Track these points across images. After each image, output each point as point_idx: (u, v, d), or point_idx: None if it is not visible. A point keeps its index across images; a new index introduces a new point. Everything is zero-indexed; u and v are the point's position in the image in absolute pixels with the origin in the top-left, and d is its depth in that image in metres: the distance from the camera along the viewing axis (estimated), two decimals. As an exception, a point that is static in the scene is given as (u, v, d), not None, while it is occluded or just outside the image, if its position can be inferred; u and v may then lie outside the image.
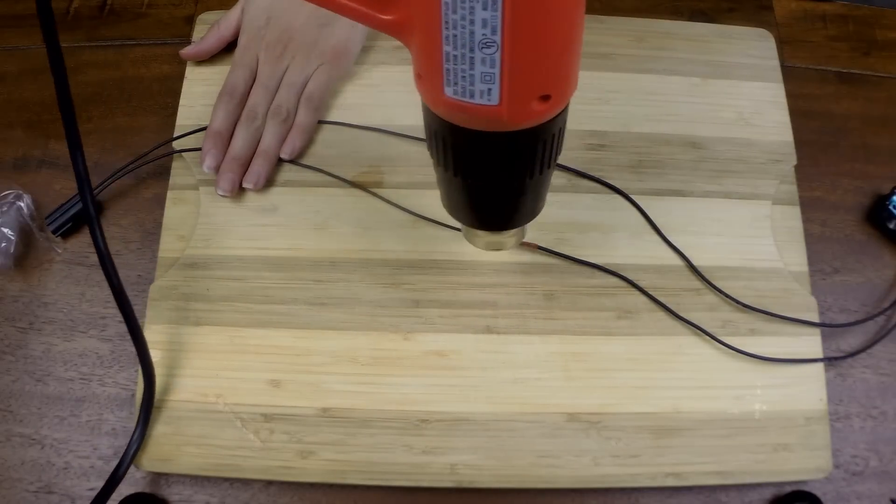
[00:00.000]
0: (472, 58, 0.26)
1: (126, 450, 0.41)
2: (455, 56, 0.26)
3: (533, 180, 0.32)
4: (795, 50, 0.55)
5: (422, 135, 0.50)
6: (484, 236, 0.40)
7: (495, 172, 0.31)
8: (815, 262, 0.48)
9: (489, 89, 0.27)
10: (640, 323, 0.45)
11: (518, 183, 0.32)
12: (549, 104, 0.28)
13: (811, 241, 0.48)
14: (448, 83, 0.27)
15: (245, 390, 0.43)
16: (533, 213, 0.37)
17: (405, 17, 0.28)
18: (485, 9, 0.24)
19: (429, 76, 0.28)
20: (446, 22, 0.25)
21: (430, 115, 0.30)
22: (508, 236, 0.40)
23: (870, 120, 0.53)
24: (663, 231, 0.47)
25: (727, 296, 0.45)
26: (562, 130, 0.31)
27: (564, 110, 0.30)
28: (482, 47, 0.25)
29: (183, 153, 0.48)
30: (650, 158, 0.49)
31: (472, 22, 0.25)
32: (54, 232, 0.47)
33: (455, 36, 0.25)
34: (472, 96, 0.27)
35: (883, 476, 0.44)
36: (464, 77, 0.26)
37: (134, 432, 0.41)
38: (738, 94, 0.51)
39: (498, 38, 0.25)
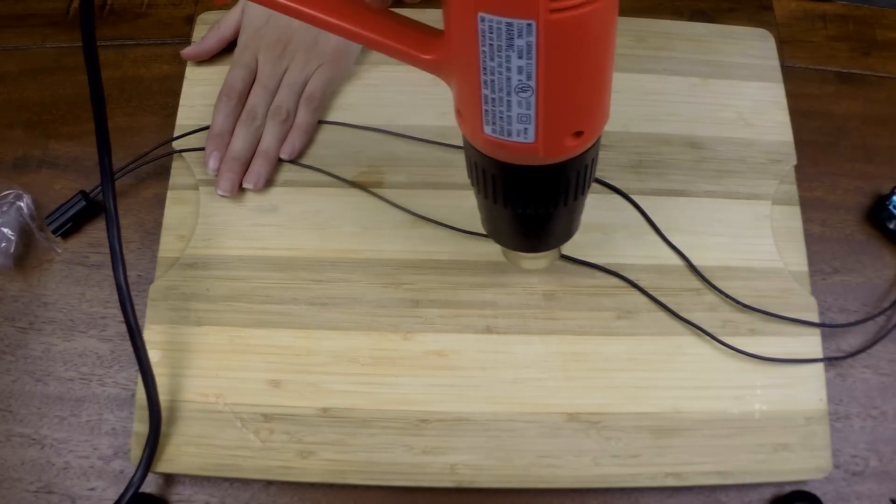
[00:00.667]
0: (509, 101, 0.28)
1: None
2: (493, 99, 0.28)
3: (567, 206, 0.34)
4: (795, 50, 0.55)
5: (422, 135, 0.50)
6: (523, 256, 0.43)
7: (533, 201, 0.33)
8: (815, 262, 0.48)
9: (525, 129, 0.28)
10: (640, 323, 0.45)
11: (554, 210, 0.34)
12: (581, 139, 0.30)
13: (811, 241, 0.48)
14: (487, 122, 0.29)
15: (245, 390, 0.43)
16: (568, 235, 0.39)
17: (445, 58, 0.29)
18: (520, 57, 0.26)
19: (469, 115, 0.30)
20: (484, 68, 0.27)
21: (470, 148, 0.32)
22: (546, 255, 0.43)
23: (870, 120, 0.53)
24: (663, 231, 0.47)
25: (727, 296, 0.45)
26: (594, 160, 0.33)
27: (597, 142, 0.32)
28: (518, 91, 0.27)
29: (183, 153, 0.48)
30: (650, 158, 0.49)
31: (508, 69, 0.26)
32: (54, 232, 0.47)
33: (493, 81, 0.27)
34: (509, 135, 0.29)
35: (883, 476, 0.44)
36: (501, 118, 0.28)
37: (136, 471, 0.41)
38: (738, 94, 0.51)
39: (533, 83, 0.27)
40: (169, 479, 0.43)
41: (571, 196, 0.33)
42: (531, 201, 0.33)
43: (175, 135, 0.49)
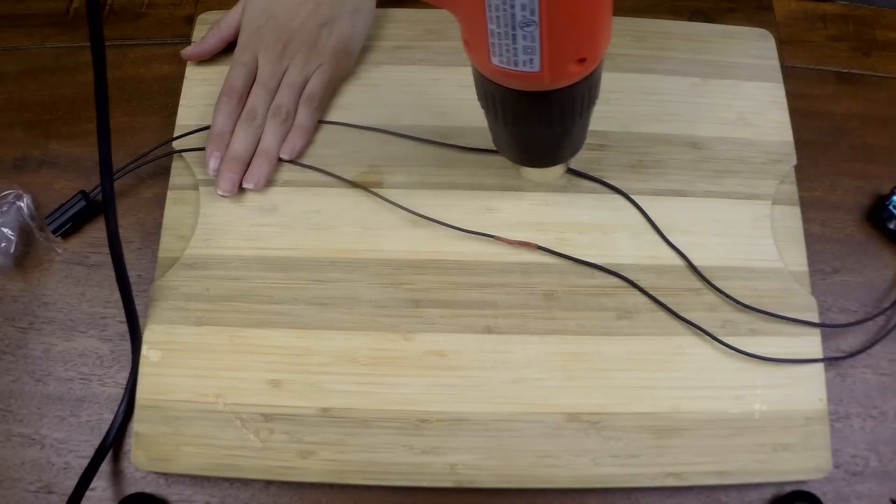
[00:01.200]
0: (514, 34, 0.29)
1: (113, 421, 0.42)
2: (499, 33, 0.29)
3: (573, 126, 0.37)
4: (795, 50, 0.55)
5: (422, 135, 0.50)
6: (531, 170, 0.44)
7: (540, 122, 0.35)
8: (815, 262, 0.48)
9: (531, 59, 0.30)
10: (640, 323, 0.45)
11: (559, 129, 0.37)
12: (584, 65, 0.32)
13: (811, 241, 0.48)
14: (494, 54, 0.31)
15: (245, 390, 0.43)
16: (574, 151, 0.41)
17: None
18: None
19: (476, 46, 0.31)
20: (489, 5, 0.29)
21: (479, 76, 0.34)
22: (553, 169, 0.44)
23: (870, 120, 0.53)
24: (663, 231, 0.47)
25: (727, 296, 0.45)
26: (597, 82, 0.35)
27: (600, 64, 0.34)
28: (522, 26, 0.29)
29: (183, 153, 0.48)
30: (650, 158, 0.49)
31: (512, 6, 0.28)
32: (54, 232, 0.47)
33: (498, 17, 0.29)
34: (515, 65, 0.31)
35: (883, 476, 0.44)
36: (507, 50, 0.30)
37: (120, 404, 0.42)
38: (738, 94, 0.51)
39: (536, 17, 0.28)
40: (169, 479, 0.43)
41: (577, 115, 0.35)
42: (539, 122, 0.35)
43: (175, 135, 0.49)
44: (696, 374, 0.44)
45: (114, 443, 0.42)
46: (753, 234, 0.47)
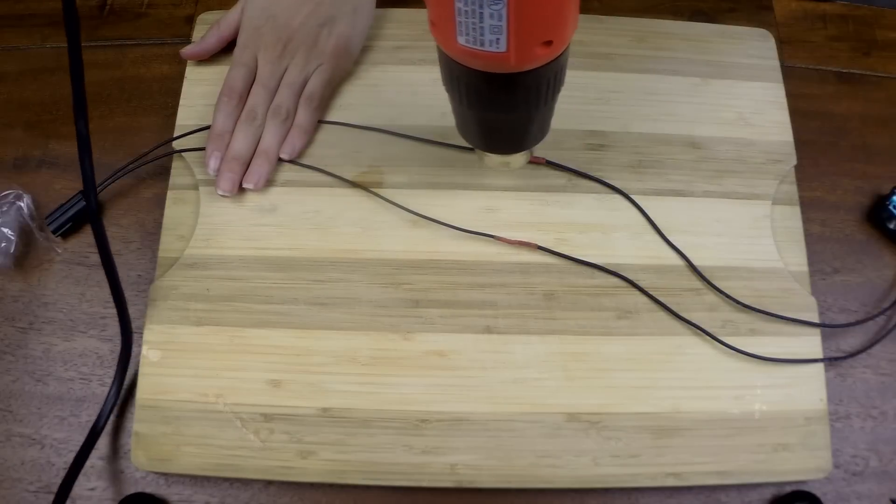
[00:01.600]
0: (481, 13, 0.29)
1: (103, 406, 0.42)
2: (466, 11, 0.29)
3: (538, 111, 0.36)
4: (795, 50, 0.55)
5: (422, 135, 0.50)
6: (494, 156, 0.43)
7: (504, 106, 0.35)
8: (815, 262, 0.48)
9: (497, 39, 0.30)
10: (640, 323, 0.45)
11: (524, 114, 0.36)
12: (551, 48, 0.31)
13: (811, 241, 0.48)
14: (460, 33, 0.30)
15: (245, 390, 0.43)
16: (538, 139, 0.41)
17: None
18: None
19: (442, 25, 0.31)
20: None
21: (444, 57, 0.34)
22: (516, 157, 0.43)
23: (870, 120, 0.53)
24: (663, 231, 0.47)
25: (727, 296, 0.45)
26: (563, 68, 0.35)
27: (566, 50, 0.33)
28: (490, 4, 0.28)
29: (183, 153, 0.48)
30: (650, 158, 0.49)
31: None
32: (54, 232, 0.47)
33: None
34: (482, 45, 0.30)
35: (883, 476, 0.44)
36: (474, 28, 0.30)
37: (110, 389, 0.42)
38: (738, 94, 0.51)
39: None
40: (169, 479, 0.43)
41: (542, 101, 0.35)
42: (503, 106, 0.35)
43: (175, 135, 0.49)
44: (696, 374, 0.44)
45: (104, 428, 0.42)
46: (753, 234, 0.47)
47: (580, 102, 0.50)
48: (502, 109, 0.35)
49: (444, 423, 0.42)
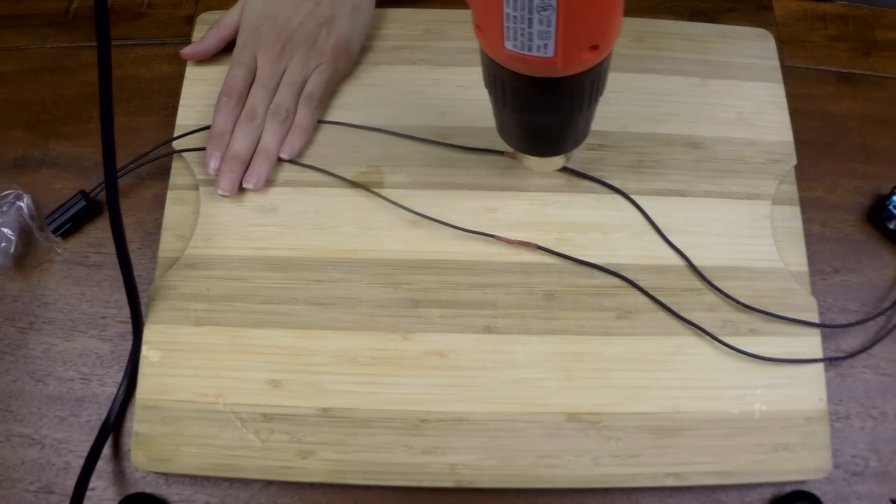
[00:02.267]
0: (530, 19, 0.29)
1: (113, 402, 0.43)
2: (515, 17, 0.29)
3: (581, 114, 0.37)
4: (795, 50, 0.55)
5: (422, 135, 0.50)
6: (534, 159, 0.43)
7: (548, 109, 0.36)
8: (815, 262, 0.48)
9: (546, 44, 0.30)
10: (640, 323, 0.45)
11: (567, 117, 0.37)
12: (597, 52, 0.32)
13: (811, 241, 0.48)
14: (508, 38, 0.31)
15: (245, 390, 0.43)
16: (578, 142, 0.41)
17: None
18: None
19: (489, 30, 0.31)
20: None
21: (489, 61, 0.34)
22: (556, 159, 0.44)
23: (870, 120, 0.53)
24: (663, 231, 0.47)
25: (727, 296, 0.45)
26: (606, 70, 0.35)
27: (610, 54, 0.34)
28: (540, 10, 0.29)
29: (183, 153, 0.48)
30: (650, 158, 0.49)
31: None
32: (54, 232, 0.47)
33: (515, 0, 0.29)
34: (529, 50, 0.31)
35: (883, 476, 0.44)
36: (523, 34, 0.30)
37: (120, 386, 0.43)
38: (738, 94, 0.51)
39: (554, 1, 0.28)
40: (169, 479, 0.43)
41: (586, 104, 0.36)
42: (548, 110, 0.36)
43: (175, 135, 0.49)
44: (696, 374, 0.44)
45: (115, 424, 0.43)
46: (753, 234, 0.47)
47: (580, 102, 0.50)
48: (546, 113, 0.36)
49: (444, 423, 0.42)
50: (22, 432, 0.44)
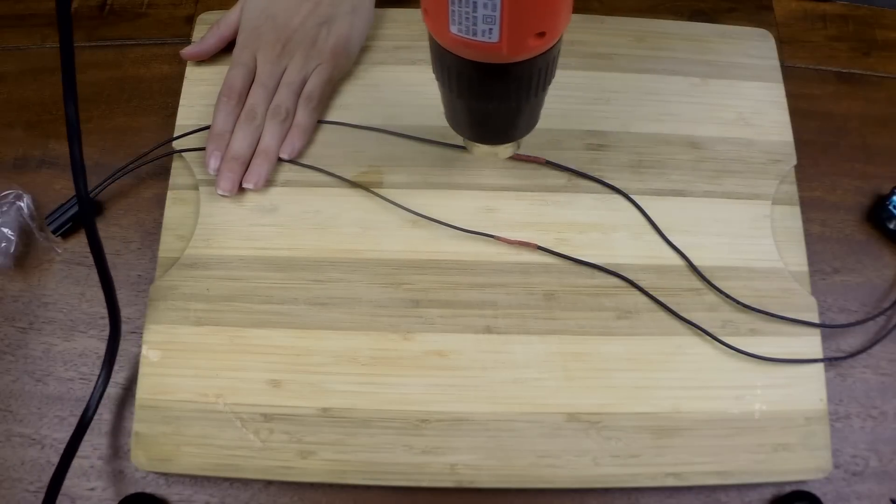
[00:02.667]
0: (475, 3, 0.29)
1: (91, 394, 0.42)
2: (459, 0, 0.29)
3: (528, 102, 0.36)
4: (795, 50, 0.55)
5: (422, 135, 0.50)
6: (482, 146, 0.43)
7: (495, 96, 0.35)
8: (815, 262, 0.48)
9: (490, 29, 0.30)
10: (640, 323, 0.45)
11: (515, 104, 0.36)
12: (544, 39, 0.31)
13: (811, 241, 0.48)
14: (453, 22, 0.30)
15: (245, 390, 0.43)
16: (527, 129, 0.41)
17: None
18: None
19: (435, 14, 0.31)
20: None
21: (436, 45, 0.34)
22: (504, 148, 0.43)
23: (870, 120, 0.53)
24: (663, 231, 0.47)
25: (727, 296, 0.45)
26: (555, 58, 0.34)
27: (558, 41, 0.33)
28: None
29: (183, 153, 0.48)
30: (650, 158, 0.49)
31: None
32: (54, 232, 0.47)
33: None
34: (474, 35, 0.30)
35: (883, 476, 0.44)
36: (467, 18, 0.30)
37: (98, 377, 0.42)
38: (738, 94, 0.51)
39: None
40: (169, 479, 0.43)
41: (533, 92, 0.35)
42: (495, 96, 0.35)
43: (175, 135, 0.49)
44: (696, 374, 0.44)
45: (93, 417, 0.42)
46: (753, 234, 0.47)
47: (580, 102, 0.50)
48: (493, 99, 0.35)
49: (444, 423, 0.42)
50: (22, 432, 0.44)
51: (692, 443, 0.43)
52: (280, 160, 0.48)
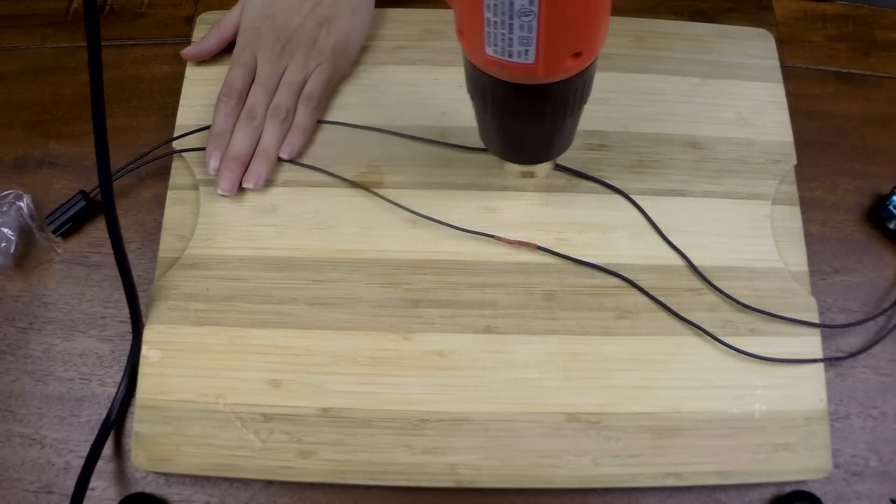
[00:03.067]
0: (511, 24, 0.29)
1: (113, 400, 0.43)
2: (495, 22, 0.29)
3: (564, 122, 0.36)
4: (795, 50, 0.55)
5: (422, 135, 0.50)
6: (516, 166, 0.43)
7: (530, 117, 0.35)
8: (815, 262, 0.48)
9: (526, 50, 0.29)
10: (640, 323, 0.45)
11: (550, 125, 0.36)
12: (580, 60, 0.31)
13: (811, 241, 0.48)
14: (489, 44, 0.30)
15: (245, 390, 0.43)
16: (562, 149, 0.40)
17: None
18: None
19: (470, 35, 0.31)
20: None
21: (471, 66, 0.33)
22: (539, 167, 0.43)
23: (870, 120, 0.53)
24: (663, 231, 0.47)
25: (727, 296, 0.45)
26: (591, 77, 0.34)
27: (594, 61, 0.33)
28: (520, 15, 0.28)
29: (183, 153, 0.48)
30: (650, 158, 0.49)
31: None
32: (54, 232, 0.47)
33: (495, 5, 0.28)
34: (510, 56, 0.30)
35: (883, 476, 0.44)
36: (503, 39, 0.29)
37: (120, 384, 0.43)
38: (738, 94, 0.51)
39: (535, 7, 0.28)
40: (169, 479, 0.43)
41: (569, 112, 0.35)
42: (529, 117, 0.35)
43: (175, 135, 0.49)
44: (696, 374, 0.44)
45: (116, 422, 0.43)
46: (753, 234, 0.47)
47: (580, 102, 0.50)
48: (528, 120, 0.35)
49: (444, 423, 0.42)
50: (22, 432, 0.44)
51: (692, 443, 0.43)
52: (280, 160, 0.48)
